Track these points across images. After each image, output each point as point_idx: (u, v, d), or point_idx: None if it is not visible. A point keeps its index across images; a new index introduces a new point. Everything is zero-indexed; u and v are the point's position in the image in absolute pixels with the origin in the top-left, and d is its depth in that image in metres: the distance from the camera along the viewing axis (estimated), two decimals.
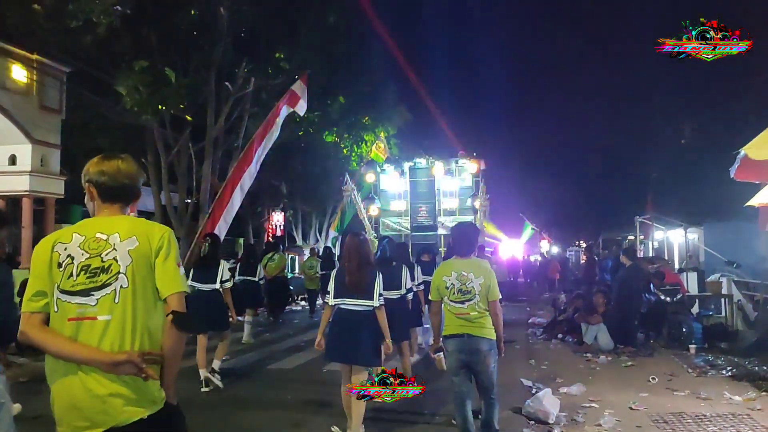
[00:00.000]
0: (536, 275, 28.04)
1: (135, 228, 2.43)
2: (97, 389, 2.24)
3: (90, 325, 2.28)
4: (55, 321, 2.31)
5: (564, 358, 9.42)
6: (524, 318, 14.55)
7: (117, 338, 2.28)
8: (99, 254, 2.34)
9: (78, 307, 2.29)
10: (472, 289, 4.77)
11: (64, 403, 2.29)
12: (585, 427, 5.67)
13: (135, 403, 2.29)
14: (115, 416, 2.26)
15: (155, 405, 2.34)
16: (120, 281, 2.32)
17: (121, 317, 2.30)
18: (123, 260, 2.34)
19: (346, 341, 5.26)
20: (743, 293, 11.12)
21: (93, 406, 2.25)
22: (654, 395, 6.90)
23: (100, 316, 2.29)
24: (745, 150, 5.07)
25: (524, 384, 7.49)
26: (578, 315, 10.68)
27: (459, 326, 4.81)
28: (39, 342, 2.30)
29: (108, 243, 2.36)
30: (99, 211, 2.52)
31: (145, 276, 2.37)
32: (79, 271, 2.31)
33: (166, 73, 14.57)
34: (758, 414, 6.08)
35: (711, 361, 8.86)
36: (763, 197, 8.08)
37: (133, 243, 2.37)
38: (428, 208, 16.28)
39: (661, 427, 5.67)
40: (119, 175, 2.51)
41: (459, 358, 4.83)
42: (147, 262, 2.38)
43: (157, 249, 2.40)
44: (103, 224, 2.44)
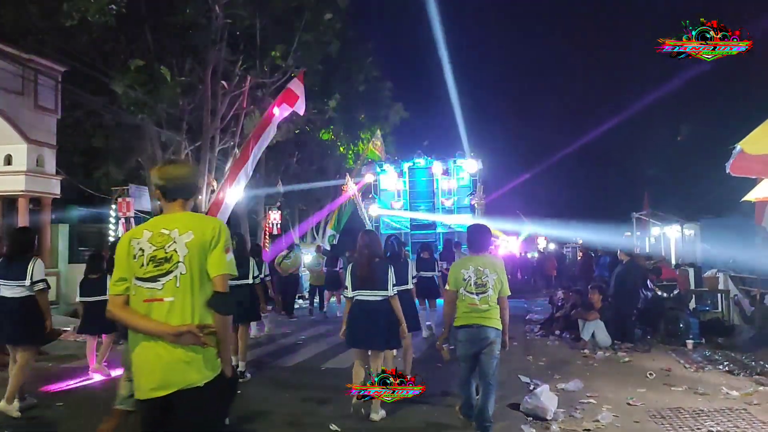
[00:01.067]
0: (534, 272, 28.05)
1: (191, 223, 2.92)
2: (165, 356, 2.75)
3: (158, 305, 2.80)
4: (133, 302, 2.86)
5: (561, 355, 9.44)
6: (522, 314, 14.57)
7: (179, 315, 2.78)
8: (163, 247, 2.84)
9: (149, 291, 2.82)
10: (486, 283, 5.22)
11: (140, 367, 2.83)
12: (583, 423, 5.68)
13: (195, 369, 2.77)
14: (180, 380, 2.75)
15: (213, 372, 2.82)
16: (179, 269, 2.81)
17: (181, 298, 2.80)
18: (181, 251, 2.83)
19: (363, 329, 5.83)
20: (740, 288, 11.15)
21: (162, 369, 2.76)
22: (651, 391, 6.92)
23: (166, 297, 2.80)
24: (741, 145, 5.08)
25: (522, 380, 7.50)
26: (575, 311, 10.70)
27: (471, 318, 5.21)
28: (122, 318, 2.90)
29: (170, 237, 2.86)
30: (164, 209, 3.04)
31: (200, 263, 2.85)
32: (148, 261, 2.83)
33: (161, 72, 14.54)
34: (755, 409, 6.10)
35: (708, 356, 8.89)
36: (760, 192, 8.10)
37: (189, 236, 2.86)
38: (427, 207, 16.52)
39: (659, 423, 5.68)
40: (174, 178, 3.01)
41: (469, 347, 5.23)
42: (202, 251, 2.85)
43: (209, 239, 2.87)
44: (166, 221, 2.94)
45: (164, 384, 2.75)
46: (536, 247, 39.46)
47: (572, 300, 11.24)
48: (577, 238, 39.79)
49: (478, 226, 5.96)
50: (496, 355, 5.19)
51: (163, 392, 2.74)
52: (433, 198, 16.67)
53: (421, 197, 16.83)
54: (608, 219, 28.52)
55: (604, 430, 5.49)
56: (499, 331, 5.23)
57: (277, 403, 6.67)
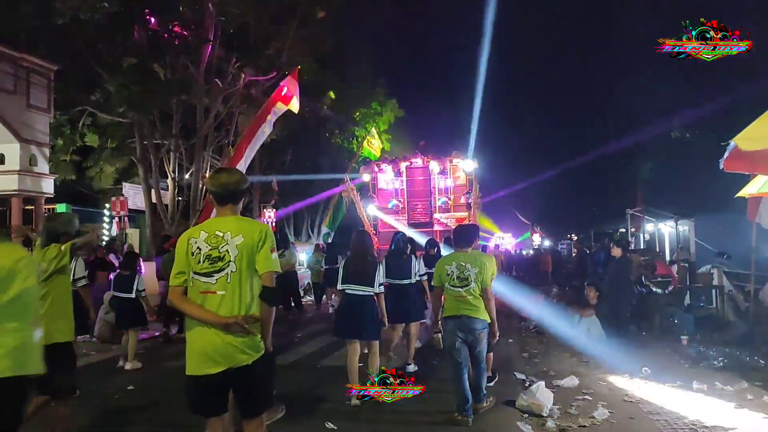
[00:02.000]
0: (529, 269, 28.05)
1: (241, 227, 3.37)
2: (218, 341, 3.24)
3: (212, 297, 3.28)
4: (190, 293, 3.33)
5: (557, 351, 9.45)
6: (516, 311, 14.57)
7: (229, 307, 3.25)
8: (217, 247, 3.30)
9: (204, 284, 3.29)
10: (468, 277, 5.64)
11: (195, 349, 3.30)
12: (579, 420, 5.68)
13: (243, 351, 3.27)
14: (230, 360, 3.24)
15: (258, 353, 3.34)
16: (231, 267, 3.28)
17: (231, 292, 3.27)
18: (233, 252, 3.29)
19: (350, 320, 6.29)
20: (734, 284, 11.18)
21: (214, 351, 3.23)
22: (647, 387, 6.94)
23: (218, 291, 3.27)
24: (735, 141, 5.07)
25: (517, 377, 7.51)
26: (570, 308, 10.71)
27: (458, 309, 5.65)
28: (180, 307, 3.36)
29: (223, 239, 3.32)
30: (217, 212, 3.48)
31: (248, 262, 3.31)
32: (204, 259, 3.30)
33: (155, 70, 14.49)
34: (749, 404, 6.12)
35: (703, 352, 8.91)
36: (753, 188, 8.12)
37: (240, 239, 3.31)
38: (424, 206, 16.82)
39: (654, 418, 5.69)
40: (226, 185, 3.44)
41: (457, 336, 5.65)
42: (250, 251, 3.31)
43: (257, 241, 3.33)
44: (220, 224, 3.40)
45: (217, 363, 3.24)
46: (531, 244, 39.50)
47: (568, 296, 11.26)
48: (571, 235, 39.89)
49: (463, 226, 6.79)
50: (483, 344, 5.70)
51: (216, 370, 3.24)
52: (429, 197, 16.89)
53: (417, 196, 17.06)
54: (603, 215, 28.60)
55: (600, 426, 5.49)
56: (486, 322, 5.64)
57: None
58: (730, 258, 12.27)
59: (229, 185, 3.43)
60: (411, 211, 16.91)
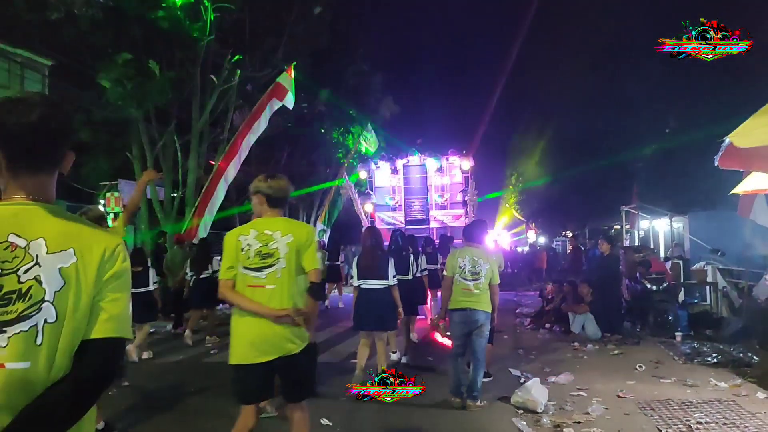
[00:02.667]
0: (524, 265, 28.12)
1: (290, 228, 3.66)
2: (268, 331, 3.48)
3: (261, 291, 3.52)
4: (239, 286, 3.57)
5: (552, 348, 9.47)
6: (512, 308, 14.62)
7: (279, 300, 3.50)
8: (266, 244, 3.57)
9: (254, 279, 3.54)
10: (480, 272, 6.03)
11: (244, 339, 3.54)
12: (573, 416, 5.70)
13: (291, 341, 3.51)
14: (280, 349, 3.49)
15: (304, 342, 3.57)
16: (280, 263, 3.54)
17: (280, 287, 3.52)
18: (282, 249, 3.55)
19: (370, 314, 6.69)
20: (728, 281, 11.22)
21: (264, 341, 3.49)
22: (641, 383, 6.96)
23: (267, 285, 3.53)
24: (730, 138, 5.07)
25: (513, 374, 7.53)
26: (565, 305, 10.75)
27: (463, 302, 6.04)
28: (230, 299, 3.59)
29: (272, 237, 3.59)
30: (264, 213, 3.74)
31: (296, 260, 3.57)
32: (254, 255, 3.56)
33: (149, 65, 14.43)
34: (744, 400, 6.15)
35: (697, 348, 8.95)
36: (748, 185, 8.13)
37: (289, 238, 3.58)
38: (421, 203, 17.15)
39: (649, 415, 5.71)
40: (278, 189, 3.75)
41: (462, 327, 6.07)
42: (298, 250, 3.57)
43: (305, 241, 3.61)
44: (269, 223, 3.67)
45: (267, 352, 3.49)
46: (526, 241, 39.57)
47: (564, 292, 11.28)
48: (566, 231, 39.92)
49: (476, 221, 7.16)
50: (485, 335, 6.08)
51: (266, 358, 3.48)
52: (426, 194, 17.17)
53: (414, 193, 17.34)
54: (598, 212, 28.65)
55: (595, 422, 5.51)
56: (488, 314, 6.06)
57: None
58: (724, 255, 12.32)
59: (281, 190, 3.77)
60: (408, 208, 17.24)
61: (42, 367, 1.46)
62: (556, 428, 5.37)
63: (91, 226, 1.65)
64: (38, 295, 1.49)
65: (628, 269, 11.53)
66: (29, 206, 1.57)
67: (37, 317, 1.47)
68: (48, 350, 1.48)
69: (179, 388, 7.03)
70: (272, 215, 3.73)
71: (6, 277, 1.48)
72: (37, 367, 1.46)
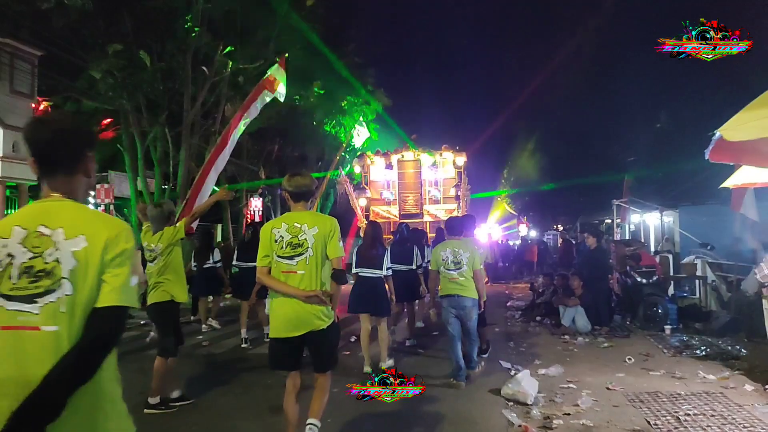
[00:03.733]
0: (515, 259, 28.20)
1: (316, 220, 4.20)
2: (300, 310, 4.06)
3: (293, 276, 4.08)
4: (274, 272, 4.13)
5: (542, 340, 9.51)
6: (503, 301, 14.67)
7: (308, 283, 4.06)
8: (296, 236, 4.11)
9: (286, 266, 4.09)
10: (461, 261, 6.62)
11: (279, 317, 4.13)
12: (563, 408, 5.73)
13: (319, 318, 4.09)
14: (309, 325, 4.07)
15: (329, 320, 4.15)
16: (309, 252, 4.08)
17: (309, 272, 4.07)
18: (310, 240, 4.09)
19: (363, 298, 7.34)
20: (717, 274, 11.28)
21: (296, 318, 4.07)
22: (630, 375, 7.01)
23: (299, 271, 4.07)
24: (720, 131, 5.09)
25: (503, 366, 7.55)
26: (556, 298, 10.79)
27: (451, 289, 6.67)
28: (267, 283, 4.16)
29: (301, 229, 4.11)
30: (293, 207, 4.31)
31: (322, 248, 4.11)
32: (286, 245, 4.10)
33: (140, 56, 14.33)
34: (731, 392, 6.20)
35: (686, 341, 9.01)
36: (738, 179, 8.18)
37: (315, 230, 4.11)
38: (415, 198, 17.62)
39: (637, 406, 5.75)
40: (300, 186, 4.28)
41: (451, 312, 6.71)
42: (323, 240, 4.11)
43: (329, 232, 4.13)
44: (296, 217, 4.21)
45: (299, 327, 4.07)
46: (518, 235, 39.67)
47: (555, 285, 11.33)
48: (557, 225, 40.07)
49: (455, 217, 8.01)
50: (473, 318, 6.67)
51: (298, 333, 4.07)
52: (420, 189, 17.55)
53: (408, 188, 17.76)
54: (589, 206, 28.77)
55: (584, 414, 5.54)
56: (475, 300, 6.66)
57: (260, 388, 6.65)
58: (713, 249, 12.38)
59: (303, 186, 4.28)
60: (402, 202, 17.63)
61: (66, 331, 1.86)
62: (545, 420, 5.40)
63: (102, 217, 2.06)
64: (58, 273, 1.89)
65: (618, 263, 11.58)
66: (58, 202, 2.02)
67: (59, 291, 1.88)
68: (69, 317, 1.87)
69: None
70: (300, 209, 4.29)
71: (36, 258, 1.91)
72: (63, 330, 1.86)
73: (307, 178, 4.39)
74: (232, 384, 6.99)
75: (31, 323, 1.87)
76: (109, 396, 1.95)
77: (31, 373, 1.78)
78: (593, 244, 11.00)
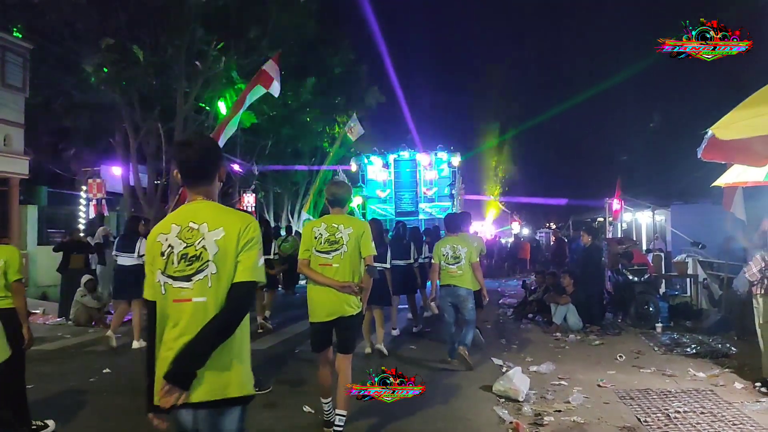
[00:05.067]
0: (508, 256, 28.26)
1: (350, 222, 4.91)
2: (334, 298, 4.71)
3: (329, 268, 4.75)
4: (313, 264, 4.79)
5: (534, 338, 9.54)
6: (495, 298, 14.69)
7: (341, 275, 4.73)
8: (333, 234, 4.80)
9: (324, 259, 4.77)
10: (460, 256, 7.35)
11: (317, 304, 4.79)
12: (554, 404, 5.75)
13: (349, 306, 4.74)
14: (341, 312, 4.72)
15: (357, 308, 4.82)
16: (343, 249, 4.75)
17: (343, 265, 4.74)
18: (345, 238, 4.77)
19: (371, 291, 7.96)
20: (708, 273, 11.34)
21: (330, 304, 4.73)
22: (621, 373, 7.04)
23: (334, 264, 4.75)
24: (712, 130, 5.10)
25: (495, 363, 7.58)
26: (548, 295, 10.81)
27: (450, 280, 7.40)
28: (306, 274, 4.84)
29: (337, 229, 4.81)
30: (332, 211, 5.00)
31: (355, 246, 4.79)
32: (325, 242, 4.79)
33: (133, 51, 14.25)
34: (721, 390, 6.23)
35: (676, 339, 9.04)
36: (729, 177, 8.20)
37: (350, 230, 4.80)
38: (410, 196, 18.06)
39: (628, 404, 5.77)
40: (338, 194, 5.01)
41: (449, 300, 7.50)
42: (356, 239, 4.79)
43: (361, 233, 4.82)
44: (335, 219, 4.91)
45: (332, 313, 4.73)
46: (510, 232, 39.73)
47: (546, 283, 11.35)
48: (549, 223, 40.13)
49: (452, 214, 9.12)
50: (470, 307, 7.35)
51: (331, 318, 4.74)
52: (416, 188, 18.09)
53: (405, 187, 18.36)
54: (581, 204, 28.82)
55: (575, 411, 5.56)
56: (470, 291, 7.38)
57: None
58: (704, 247, 12.44)
59: (334, 194, 5.02)
60: (398, 200, 18.26)
61: (212, 301, 2.45)
62: (537, 417, 5.42)
63: (235, 213, 2.64)
64: (206, 258, 2.48)
65: (610, 261, 11.62)
66: (202, 203, 2.63)
67: (207, 271, 2.47)
68: (215, 291, 2.46)
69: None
70: (337, 213, 4.99)
71: (189, 247, 2.50)
72: (210, 301, 2.45)
73: (345, 188, 5.20)
74: None
75: (187, 296, 2.46)
76: (240, 349, 2.53)
77: (188, 333, 2.40)
78: (588, 242, 11.04)
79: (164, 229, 2.61)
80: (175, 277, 2.51)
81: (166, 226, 2.62)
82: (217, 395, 2.46)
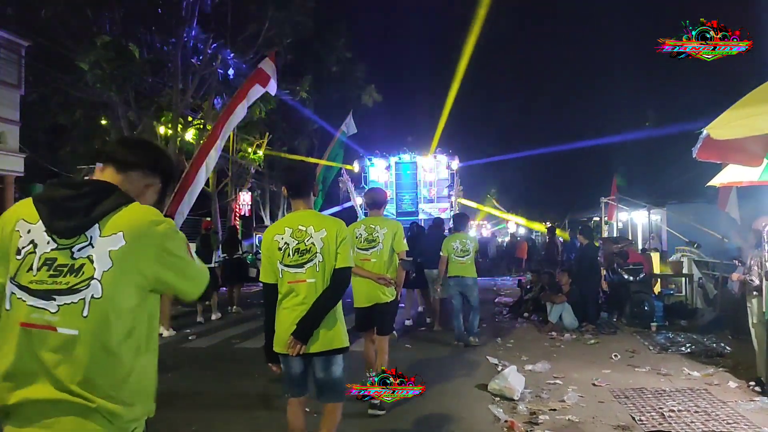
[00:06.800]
0: (504, 255, 28.27)
1: (386, 223, 5.68)
2: (372, 287, 5.48)
3: (368, 262, 5.50)
4: (355, 260, 4.57)
5: (529, 337, 9.55)
6: (491, 297, 14.71)
7: (378, 268, 5.48)
8: (371, 233, 5.57)
9: (363, 255, 5.51)
10: (468, 250, 8.70)
11: (358, 292, 5.56)
12: (549, 403, 5.76)
13: (384, 294, 5.49)
14: (377, 299, 5.48)
15: (392, 297, 5.57)
16: (379, 246, 5.53)
17: (379, 260, 5.50)
18: (381, 237, 5.55)
19: None
20: (703, 272, 11.36)
21: (369, 292, 5.50)
22: (616, 372, 7.05)
23: (372, 259, 5.52)
24: (707, 130, 5.11)
25: (490, 361, 7.59)
26: (543, 294, 10.82)
27: (457, 271, 8.69)
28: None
29: (375, 229, 5.59)
30: (370, 213, 5.99)
31: (390, 244, 5.54)
32: (364, 241, 5.57)
33: (129, 48, 14.22)
34: (715, 389, 6.25)
35: (671, 338, 9.07)
36: (724, 177, 8.21)
37: (385, 230, 5.61)
38: (411, 197, 19.25)
39: (623, 402, 5.79)
40: (369, 198, 6.03)
41: (456, 289, 8.77)
42: (391, 238, 5.54)
43: (395, 232, 5.59)
44: (373, 221, 5.70)
45: (371, 300, 5.50)
46: (507, 231, 39.74)
47: (542, 282, 11.37)
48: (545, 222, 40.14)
49: (460, 214, 10.49)
50: (476, 294, 8.75)
51: (369, 304, 5.50)
52: (416, 189, 19.13)
53: (405, 188, 19.30)
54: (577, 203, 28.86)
55: (570, 409, 5.57)
56: (475, 279, 8.79)
57: (247, 381, 6.65)
58: (699, 247, 12.47)
59: (370, 198, 6.00)
60: (399, 201, 19.38)
61: (321, 282, 3.48)
62: (532, 415, 5.42)
63: (331, 218, 3.65)
64: (314, 250, 3.49)
65: (606, 260, 11.64)
66: (306, 212, 3.64)
67: (315, 260, 3.49)
68: (321, 274, 3.49)
69: None
70: (374, 215, 5.83)
71: (300, 244, 3.49)
72: (318, 281, 3.48)
73: (380, 195, 6.06)
74: (221, 376, 6.97)
75: (302, 278, 3.48)
76: (340, 314, 3.61)
77: (306, 303, 3.45)
78: (584, 242, 11.06)
79: (279, 231, 3.58)
80: (291, 265, 3.50)
81: (280, 228, 3.59)
82: (327, 347, 3.52)
